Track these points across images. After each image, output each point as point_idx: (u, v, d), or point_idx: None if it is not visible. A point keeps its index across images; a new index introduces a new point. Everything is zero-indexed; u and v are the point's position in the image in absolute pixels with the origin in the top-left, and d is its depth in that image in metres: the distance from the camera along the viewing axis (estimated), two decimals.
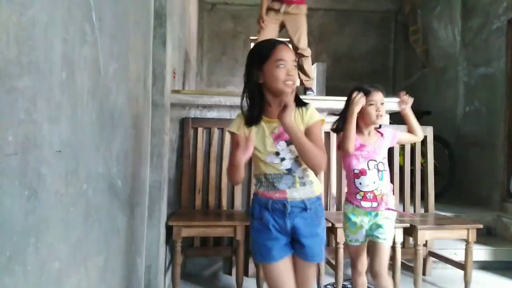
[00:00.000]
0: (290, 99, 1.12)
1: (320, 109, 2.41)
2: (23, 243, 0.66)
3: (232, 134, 1.21)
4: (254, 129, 1.18)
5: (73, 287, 0.87)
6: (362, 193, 1.54)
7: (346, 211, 1.59)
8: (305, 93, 3.13)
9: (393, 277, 2.02)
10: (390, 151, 2.41)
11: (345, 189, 2.36)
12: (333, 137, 2.39)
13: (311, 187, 1.20)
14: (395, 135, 1.65)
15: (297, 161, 1.18)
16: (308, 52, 3.10)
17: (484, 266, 2.52)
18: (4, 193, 0.60)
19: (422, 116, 3.79)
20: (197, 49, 5.12)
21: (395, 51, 5.60)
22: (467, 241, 2.04)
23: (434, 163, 2.52)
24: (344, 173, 2.37)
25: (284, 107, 1.11)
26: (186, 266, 2.29)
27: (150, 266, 1.70)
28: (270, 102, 1.18)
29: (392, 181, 2.35)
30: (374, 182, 1.53)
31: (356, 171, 1.55)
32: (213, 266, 2.35)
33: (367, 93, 1.54)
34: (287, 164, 1.17)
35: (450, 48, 4.06)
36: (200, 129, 2.26)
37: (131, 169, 1.38)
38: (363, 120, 1.57)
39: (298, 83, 1.18)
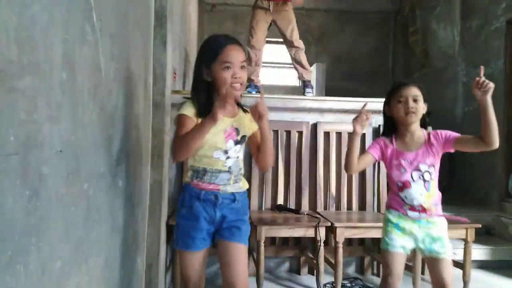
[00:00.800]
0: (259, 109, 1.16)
1: (320, 109, 2.42)
2: (24, 242, 0.66)
3: (184, 116, 1.18)
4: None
5: (74, 286, 0.88)
6: (408, 206, 1.40)
7: (390, 217, 1.42)
8: (304, 91, 3.14)
9: None
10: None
11: (344, 189, 2.38)
12: (332, 136, 2.39)
13: (240, 183, 1.26)
14: (449, 137, 1.43)
15: (237, 161, 1.25)
16: (301, 44, 3.14)
17: (483, 265, 2.52)
18: (5, 193, 0.60)
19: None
20: (198, 50, 5.11)
21: (394, 52, 5.61)
22: (466, 241, 2.05)
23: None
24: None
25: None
26: None
27: (151, 265, 1.70)
28: (220, 101, 1.15)
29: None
30: (421, 195, 1.38)
31: (399, 184, 1.40)
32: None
33: (396, 88, 1.42)
34: (230, 162, 1.23)
35: (449, 48, 4.06)
36: None
37: (132, 169, 1.38)
38: (397, 118, 1.42)
39: (244, 83, 1.23)
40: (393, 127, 1.47)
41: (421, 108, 1.42)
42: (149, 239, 1.70)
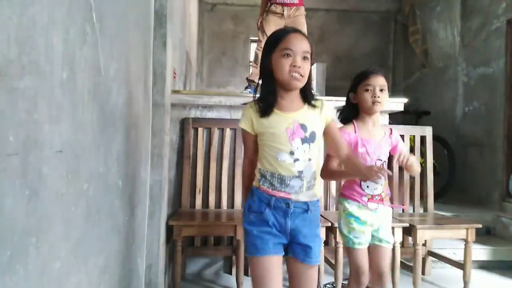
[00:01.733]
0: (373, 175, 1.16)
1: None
2: (24, 243, 0.66)
3: (243, 131, 1.14)
4: (265, 121, 1.09)
5: (74, 286, 0.88)
6: (369, 196, 1.40)
7: (349, 209, 1.40)
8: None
9: (392, 277, 2.02)
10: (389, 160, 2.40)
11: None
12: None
13: (314, 190, 1.13)
14: (397, 146, 1.46)
15: (310, 164, 1.10)
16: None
17: (483, 265, 2.52)
18: (5, 193, 0.60)
19: (422, 116, 3.80)
20: (198, 50, 5.12)
21: (394, 52, 5.60)
22: (466, 241, 2.05)
23: (434, 163, 2.53)
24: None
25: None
26: (186, 266, 2.29)
27: (150, 265, 1.70)
28: (282, 94, 1.10)
29: (391, 181, 2.36)
30: (381, 184, 1.39)
31: None
32: (214, 265, 2.36)
33: (365, 76, 1.39)
34: (300, 166, 1.08)
35: (450, 48, 4.06)
36: (200, 129, 2.27)
37: (132, 169, 1.38)
38: (362, 107, 1.41)
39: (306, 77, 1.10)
40: (354, 114, 1.45)
41: (386, 97, 1.40)
42: (149, 239, 1.70)
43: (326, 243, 2.03)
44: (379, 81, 1.38)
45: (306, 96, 1.13)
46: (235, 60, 5.47)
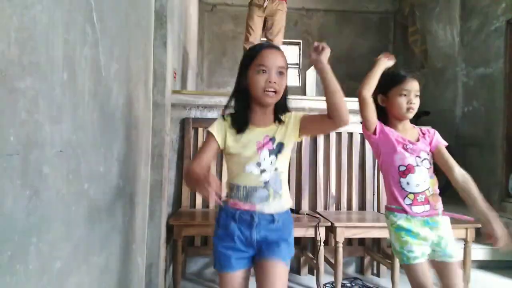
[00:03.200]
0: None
1: (320, 109, 2.42)
2: (24, 242, 0.66)
3: (209, 134, 1.16)
4: (239, 137, 1.11)
5: (74, 286, 0.88)
6: (412, 196, 1.26)
7: (398, 222, 1.27)
8: (304, 93, 3.16)
9: (392, 276, 2.03)
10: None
11: (344, 189, 2.38)
12: (332, 136, 2.40)
13: (280, 201, 1.12)
14: (436, 146, 1.36)
15: (276, 174, 1.11)
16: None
17: (483, 265, 2.52)
18: (6, 192, 0.60)
19: (421, 116, 3.80)
20: (198, 50, 5.12)
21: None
22: (465, 241, 2.05)
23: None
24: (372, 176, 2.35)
25: (320, 49, 1.04)
26: (187, 265, 2.29)
27: (151, 265, 1.70)
28: (256, 110, 1.12)
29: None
30: (425, 181, 1.27)
31: (402, 168, 1.27)
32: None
33: (400, 80, 1.30)
34: (266, 176, 1.10)
35: (449, 48, 4.07)
36: (200, 129, 2.27)
37: (132, 168, 1.38)
38: (393, 112, 1.31)
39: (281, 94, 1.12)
40: (379, 117, 1.33)
41: (418, 104, 1.33)
42: (149, 239, 1.70)
43: (326, 243, 2.04)
44: (416, 86, 1.30)
45: (278, 112, 1.14)
46: (235, 61, 5.47)
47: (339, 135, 2.41)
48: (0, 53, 0.58)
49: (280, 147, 1.12)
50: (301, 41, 5.64)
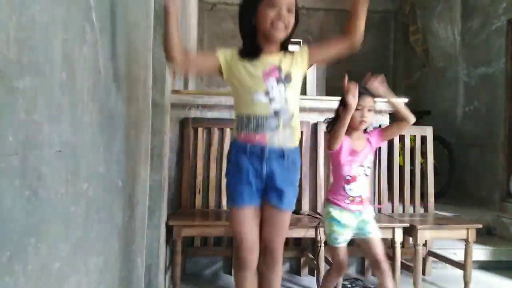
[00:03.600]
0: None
1: (320, 109, 2.42)
2: (23, 243, 0.66)
3: (214, 56, 1.18)
4: (243, 66, 1.14)
5: (73, 286, 0.88)
6: (351, 198, 1.56)
7: (332, 213, 1.56)
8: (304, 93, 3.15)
9: (393, 277, 2.02)
10: (390, 151, 2.42)
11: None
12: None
13: (290, 133, 1.16)
14: (380, 134, 1.64)
15: (286, 104, 1.14)
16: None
17: (484, 266, 2.52)
18: (4, 193, 0.60)
19: (422, 116, 3.80)
20: (197, 49, 5.12)
21: (395, 51, 5.60)
22: (466, 241, 2.05)
23: (434, 163, 2.53)
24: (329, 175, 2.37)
25: None
26: (186, 266, 2.29)
27: (150, 265, 1.70)
28: (263, 45, 1.16)
29: (391, 181, 2.38)
30: (363, 188, 1.57)
31: (348, 178, 1.56)
32: (213, 265, 2.36)
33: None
34: (276, 105, 1.12)
35: (450, 48, 4.06)
36: (200, 129, 2.27)
37: (132, 169, 1.38)
38: (350, 123, 1.51)
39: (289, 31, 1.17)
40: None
41: (372, 118, 1.59)
42: (149, 240, 1.70)
43: (326, 243, 2.03)
44: (369, 102, 1.53)
45: (285, 45, 1.19)
46: None
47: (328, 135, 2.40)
48: None
49: (288, 77, 1.15)
50: (301, 40, 5.64)
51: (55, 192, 0.77)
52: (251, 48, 1.15)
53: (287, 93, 1.14)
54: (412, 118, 1.57)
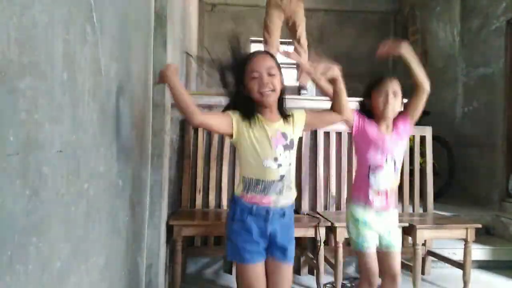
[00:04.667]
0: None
1: (319, 109, 2.42)
2: (24, 242, 0.66)
3: (226, 112, 1.23)
4: (251, 132, 1.20)
5: (74, 286, 0.88)
6: (376, 190, 1.43)
7: (355, 213, 1.45)
8: (299, 93, 3.15)
9: None
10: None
11: (344, 188, 2.38)
12: (332, 136, 2.40)
13: (290, 193, 1.25)
14: (404, 115, 1.53)
15: (290, 169, 1.23)
16: (306, 45, 3.14)
17: (483, 265, 2.53)
18: (6, 193, 0.60)
19: (421, 116, 3.80)
20: (198, 50, 5.12)
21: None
22: (466, 241, 2.05)
23: (433, 163, 2.53)
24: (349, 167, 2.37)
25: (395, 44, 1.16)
26: (186, 265, 2.29)
27: (151, 265, 1.70)
28: (261, 110, 1.23)
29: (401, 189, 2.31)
30: (389, 179, 1.45)
31: (373, 165, 1.44)
32: (214, 265, 2.36)
33: (377, 82, 1.49)
34: (283, 170, 1.20)
35: (449, 48, 4.06)
36: (200, 129, 2.27)
37: (132, 169, 1.38)
38: (376, 111, 1.47)
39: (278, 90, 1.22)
40: (369, 114, 1.51)
41: (398, 103, 1.50)
42: (149, 239, 1.70)
43: (326, 243, 2.04)
44: (391, 86, 1.50)
45: (282, 109, 1.26)
46: None
47: (339, 135, 2.41)
48: (0, 53, 0.58)
49: (292, 143, 1.24)
50: (305, 40, 5.64)
51: (56, 192, 0.78)
52: (254, 115, 1.21)
53: (291, 158, 1.23)
54: (427, 84, 1.50)
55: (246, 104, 1.21)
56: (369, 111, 1.50)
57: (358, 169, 1.52)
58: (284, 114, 1.26)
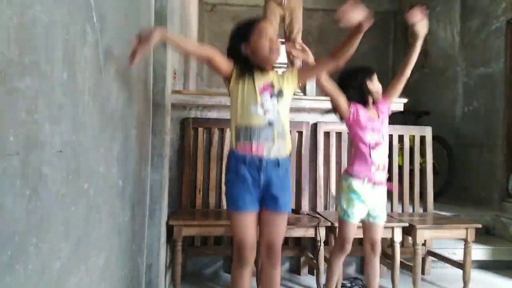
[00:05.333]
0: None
1: (320, 109, 2.42)
2: (24, 242, 0.66)
3: (231, 62, 1.32)
4: (241, 83, 1.30)
5: (74, 286, 0.88)
6: (377, 165, 1.60)
7: (354, 186, 1.60)
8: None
9: (392, 276, 2.03)
10: (389, 151, 2.42)
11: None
12: (332, 136, 2.40)
13: (284, 142, 1.30)
14: (384, 96, 1.71)
15: (278, 116, 1.29)
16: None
17: (483, 265, 2.53)
18: (6, 193, 0.60)
19: (421, 116, 3.80)
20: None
21: (394, 52, 5.61)
22: (466, 241, 2.05)
23: (433, 163, 2.53)
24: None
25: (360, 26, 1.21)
26: (186, 265, 2.29)
27: (150, 265, 1.70)
28: (257, 68, 1.32)
29: (391, 180, 2.38)
30: (384, 155, 1.64)
31: (372, 144, 1.61)
32: (214, 265, 2.36)
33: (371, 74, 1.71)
34: (270, 117, 1.27)
35: (449, 48, 4.06)
36: (200, 129, 2.27)
37: (132, 169, 1.38)
38: (370, 93, 1.67)
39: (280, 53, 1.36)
40: (362, 98, 1.68)
41: (379, 86, 1.73)
42: (149, 239, 1.70)
43: (326, 243, 2.04)
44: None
45: (274, 66, 1.37)
46: None
47: (339, 135, 2.41)
48: (0, 53, 0.58)
49: (280, 92, 1.32)
50: (301, 40, 5.64)
51: (56, 192, 0.78)
52: (249, 69, 1.32)
53: (279, 106, 1.30)
54: (410, 70, 1.74)
55: (245, 61, 1.31)
56: (360, 98, 1.67)
57: (356, 150, 1.66)
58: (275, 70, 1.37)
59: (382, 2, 5.52)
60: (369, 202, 1.62)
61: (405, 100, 2.39)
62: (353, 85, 1.67)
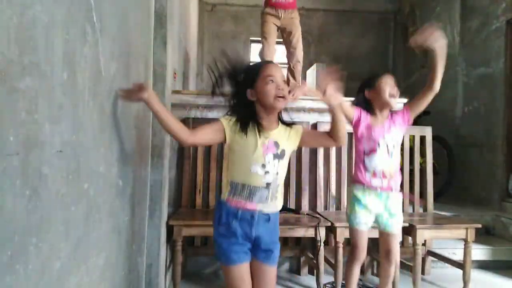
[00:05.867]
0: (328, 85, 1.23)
1: (320, 109, 2.42)
2: (24, 242, 0.66)
3: (219, 121, 1.24)
4: (243, 138, 1.21)
5: (74, 286, 0.88)
6: (372, 171, 1.60)
7: (355, 192, 1.62)
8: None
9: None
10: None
11: (344, 188, 2.38)
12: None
13: (276, 203, 1.26)
14: (407, 107, 1.70)
15: (276, 178, 1.23)
16: (301, 57, 3.15)
17: (483, 265, 2.53)
18: (6, 193, 0.60)
19: (421, 116, 3.80)
20: (198, 50, 5.12)
21: (394, 52, 5.61)
22: (466, 241, 2.05)
23: (433, 163, 2.53)
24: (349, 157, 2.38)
25: (328, 90, 1.21)
26: (186, 265, 2.29)
27: (151, 265, 1.70)
28: (263, 117, 1.24)
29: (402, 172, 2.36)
30: (385, 161, 1.60)
31: (366, 150, 1.61)
32: (214, 265, 2.36)
33: (378, 76, 1.65)
34: (269, 178, 1.22)
35: (449, 48, 4.05)
36: None
37: (132, 168, 1.38)
38: (377, 102, 1.64)
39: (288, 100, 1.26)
40: (367, 106, 1.68)
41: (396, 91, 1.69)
42: (149, 239, 1.70)
43: (326, 243, 2.04)
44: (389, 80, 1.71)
45: (282, 116, 1.29)
46: None
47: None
48: (0, 53, 0.58)
49: (283, 153, 1.25)
50: (302, 53, 5.65)
51: (56, 192, 0.78)
52: (251, 121, 1.23)
53: (279, 168, 1.24)
54: (438, 85, 1.64)
55: (247, 110, 1.23)
56: (366, 104, 1.66)
57: (356, 155, 1.68)
58: (284, 122, 1.29)
59: (382, 2, 5.52)
60: (374, 208, 1.60)
61: (405, 100, 2.39)
62: (357, 95, 1.71)
